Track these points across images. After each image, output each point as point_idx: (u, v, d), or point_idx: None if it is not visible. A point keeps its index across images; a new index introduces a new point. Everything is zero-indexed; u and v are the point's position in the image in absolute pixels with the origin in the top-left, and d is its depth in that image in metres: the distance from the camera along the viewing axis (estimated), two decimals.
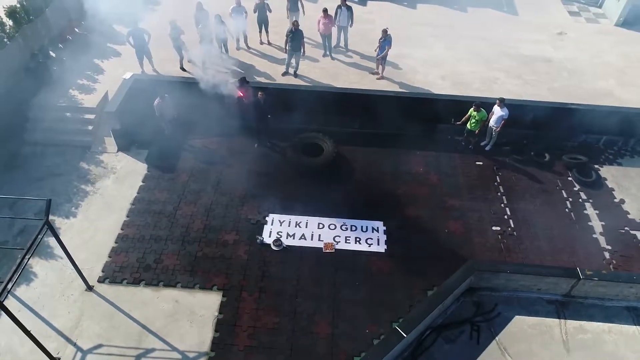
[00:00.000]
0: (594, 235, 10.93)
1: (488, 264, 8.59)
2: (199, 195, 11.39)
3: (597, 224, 11.20)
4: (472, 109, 12.08)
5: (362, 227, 10.79)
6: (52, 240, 9.85)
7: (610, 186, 12.21)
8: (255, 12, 14.49)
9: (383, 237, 10.58)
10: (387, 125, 13.02)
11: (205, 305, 9.24)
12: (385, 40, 13.46)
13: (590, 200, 11.76)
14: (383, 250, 10.32)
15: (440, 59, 15.11)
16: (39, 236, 7.76)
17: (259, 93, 11.73)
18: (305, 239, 10.48)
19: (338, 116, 12.85)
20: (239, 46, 15.06)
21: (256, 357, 8.48)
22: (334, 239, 10.51)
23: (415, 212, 11.22)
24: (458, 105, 12.52)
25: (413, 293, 9.54)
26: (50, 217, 10.55)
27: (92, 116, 12.71)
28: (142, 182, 11.67)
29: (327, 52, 14.91)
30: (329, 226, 10.78)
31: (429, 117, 12.93)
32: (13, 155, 12.15)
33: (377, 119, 12.99)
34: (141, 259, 9.99)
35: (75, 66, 13.88)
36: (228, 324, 8.93)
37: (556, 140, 13.09)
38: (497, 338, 8.10)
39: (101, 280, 9.60)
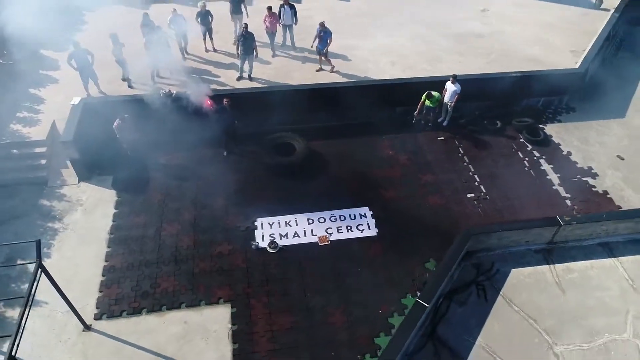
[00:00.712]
0: (554, 187, 12.06)
1: (482, 227, 9.24)
2: (179, 212, 11.05)
3: (554, 177, 12.36)
4: (424, 96, 12.79)
5: (350, 215, 11.07)
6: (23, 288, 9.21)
7: (556, 142, 13.49)
8: (197, 20, 14.18)
9: (372, 221, 10.93)
10: (350, 115, 13.43)
11: (215, 319, 9.04)
12: (325, 33, 13.74)
13: (544, 157, 12.93)
14: (375, 234, 10.67)
15: (385, 46, 15.73)
16: (35, 282, 7.20)
17: (225, 100, 11.57)
18: (299, 237, 10.56)
19: (302, 113, 12.97)
20: (185, 56, 14.69)
21: (281, 359, 8.47)
22: (326, 231, 10.69)
23: (395, 193, 11.69)
24: (415, 87, 13.17)
25: (412, 268, 9.99)
26: (22, 262, 9.91)
27: (43, 149, 11.82)
28: (115, 209, 11.10)
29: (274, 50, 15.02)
30: (318, 220, 10.93)
31: (388, 102, 13.49)
32: None
33: (340, 111, 13.35)
34: (136, 287, 9.54)
35: (9, 98, 12.81)
36: (244, 333, 8.82)
37: (503, 108, 14.21)
38: (501, 292, 8.76)
39: (98, 317, 9.05)
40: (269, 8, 14.25)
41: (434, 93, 12.76)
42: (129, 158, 11.98)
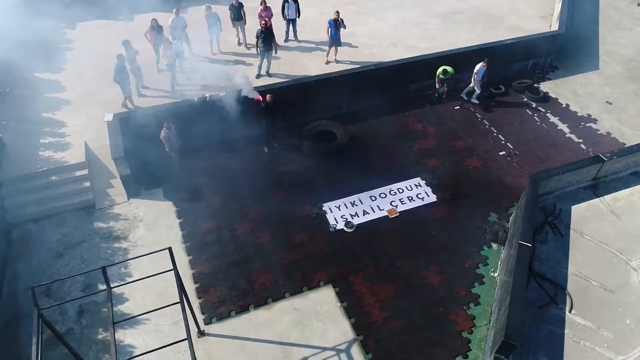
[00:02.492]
0: (567, 135, 13.53)
1: (544, 172, 10.29)
2: (245, 211, 11.13)
3: (563, 127, 13.84)
4: (440, 72, 13.84)
5: (407, 187, 11.77)
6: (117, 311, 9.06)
7: (553, 97, 15.05)
8: (207, 21, 14.09)
9: (428, 189, 11.71)
10: (371, 97, 14.07)
11: (323, 301, 9.38)
12: (342, 21, 14.24)
13: (549, 111, 14.40)
14: (436, 199, 11.46)
15: (381, 31, 16.49)
16: (181, 287, 7.22)
17: (267, 96, 11.74)
18: (368, 214, 11.08)
19: (329, 101, 13.46)
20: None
21: (398, 323, 9.01)
22: (391, 204, 11.31)
23: (437, 162, 12.54)
24: (426, 63, 14.10)
25: (477, 223, 10.93)
26: (102, 287, 9.59)
27: (84, 171, 11.33)
28: (178, 218, 10.96)
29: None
30: (380, 195, 11.52)
31: (402, 81, 14.31)
32: (7, 244, 10.30)
33: (362, 95, 13.95)
34: (233, 286, 9.60)
35: (24, 127, 12.08)
36: (356, 308, 9.25)
37: (499, 73, 15.52)
38: (571, 227, 9.89)
39: (208, 322, 9.06)
40: (263, 2, 14.45)
41: (448, 68, 13.76)
42: (175, 166, 11.81)
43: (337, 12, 13.99)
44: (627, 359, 7.83)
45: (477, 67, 13.91)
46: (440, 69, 13.80)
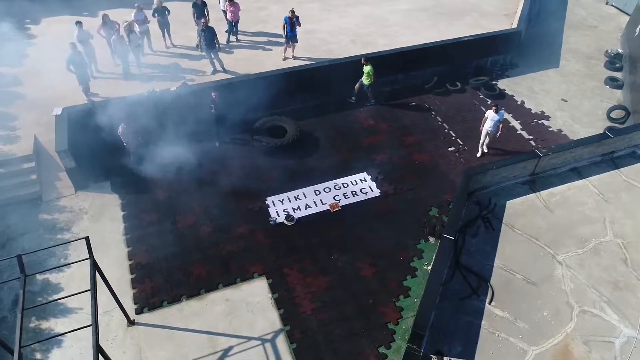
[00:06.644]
0: (518, 132, 13.67)
1: (479, 167, 10.45)
2: (189, 204, 11.27)
3: (515, 124, 13.99)
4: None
5: (351, 181, 11.91)
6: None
7: (510, 94, 15.19)
8: (154, 16, 14.24)
9: (373, 184, 11.85)
10: (326, 93, 14.19)
11: (255, 292, 9.53)
12: (297, 19, 14.37)
13: (503, 108, 14.48)
14: (379, 194, 11.60)
15: (341, 27, 16.62)
16: (94, 276, 7.36)
17: (212, 93, 11.87)
18: (310, 207, 11.23)
19: (281, 97, 13.55)
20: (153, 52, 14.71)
21: (327, 314, 9.16)
22: (334, 198, 11.45)
23: (385, 157, 12.68)
24: (381, 60, 14.22)
25: (418, 218, 11.05)
26: (42, 277, 9.78)
27: (31, 164, 11.46)
28: (122, 211, 11.11)
29: (234, 36, 15.40)
30: (324, 190, 11.66)
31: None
32: None
33: (317, 91, 14.08)
34: (169, 277, 9.75)
35: None
36: (286, 299, 9.40)
37: (457, 70, 15.65)
38: (504, 221, 10.05)
39: (139, 311, 9.21)
40: None
41: (369, 63, 13.50)
42: (132, 163, 11.91)
43: (292, 10, 14.12)
44: (539, 350, 7.99)
45: (487, 112, 12.18)
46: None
